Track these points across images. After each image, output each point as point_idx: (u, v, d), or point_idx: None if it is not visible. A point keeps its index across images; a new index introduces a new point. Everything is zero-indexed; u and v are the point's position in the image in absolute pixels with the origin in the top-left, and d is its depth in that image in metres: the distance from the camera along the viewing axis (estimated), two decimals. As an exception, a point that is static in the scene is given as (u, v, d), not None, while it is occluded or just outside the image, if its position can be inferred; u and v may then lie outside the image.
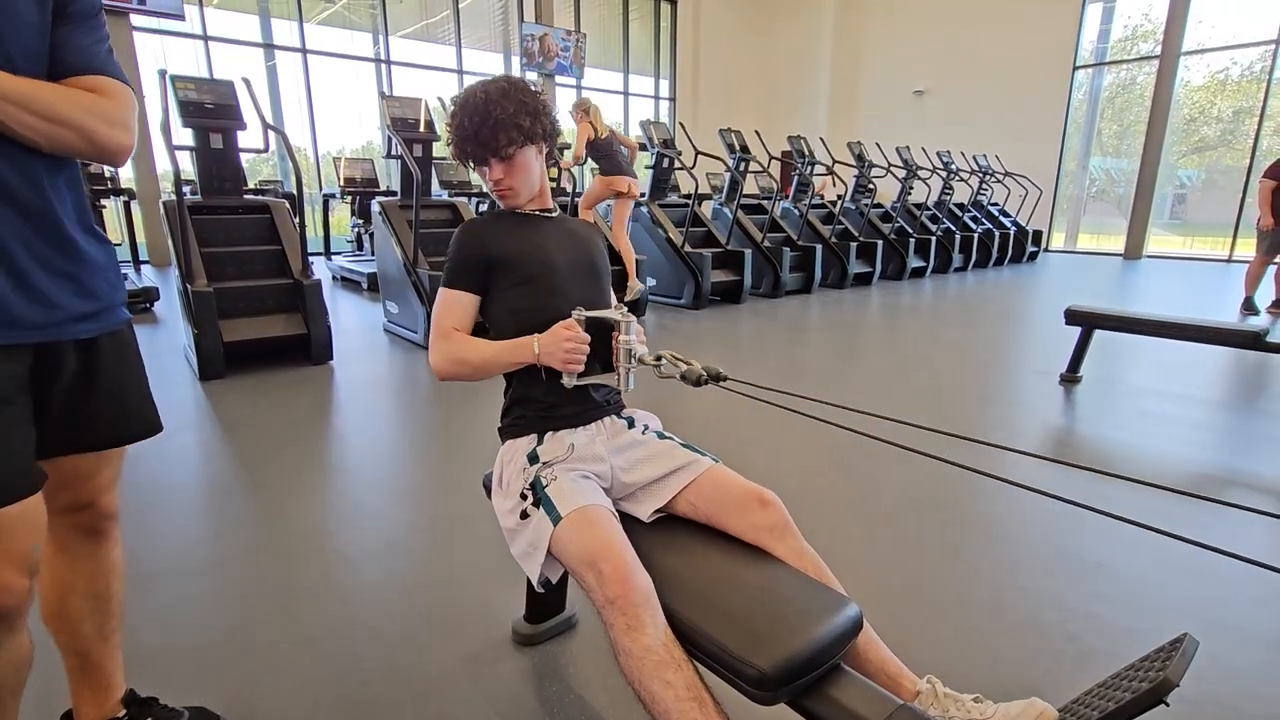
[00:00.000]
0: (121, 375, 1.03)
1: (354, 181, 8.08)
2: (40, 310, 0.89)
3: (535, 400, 1.29)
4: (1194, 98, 11.95)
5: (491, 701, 1.35)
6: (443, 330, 1.30)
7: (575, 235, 1.41)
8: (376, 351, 4.50)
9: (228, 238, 4.17)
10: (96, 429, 1.01)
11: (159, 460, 2.53)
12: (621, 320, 1.24)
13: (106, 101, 0.90)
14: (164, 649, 1.50)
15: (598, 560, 1.02)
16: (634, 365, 1.25)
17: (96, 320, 0.97)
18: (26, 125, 0.82)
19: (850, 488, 2.36)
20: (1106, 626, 1.60)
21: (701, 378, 1.19)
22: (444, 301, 1.32)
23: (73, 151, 0.89)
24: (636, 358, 1.25)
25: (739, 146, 7.17)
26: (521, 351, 1.23)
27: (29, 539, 0.87)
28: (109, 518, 1.11)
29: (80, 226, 0.95)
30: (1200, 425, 3.10)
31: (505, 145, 1.26)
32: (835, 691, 0.91)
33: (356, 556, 1.90)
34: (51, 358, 0.92)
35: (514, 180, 1.31)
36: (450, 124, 1.30)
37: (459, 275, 1.31)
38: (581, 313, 1.25)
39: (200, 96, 4.01)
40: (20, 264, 0.87)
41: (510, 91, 1.27)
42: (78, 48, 0.90)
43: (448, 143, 1.36)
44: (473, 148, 1.27)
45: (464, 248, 1.31)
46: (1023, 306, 6.48)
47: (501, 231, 1.33)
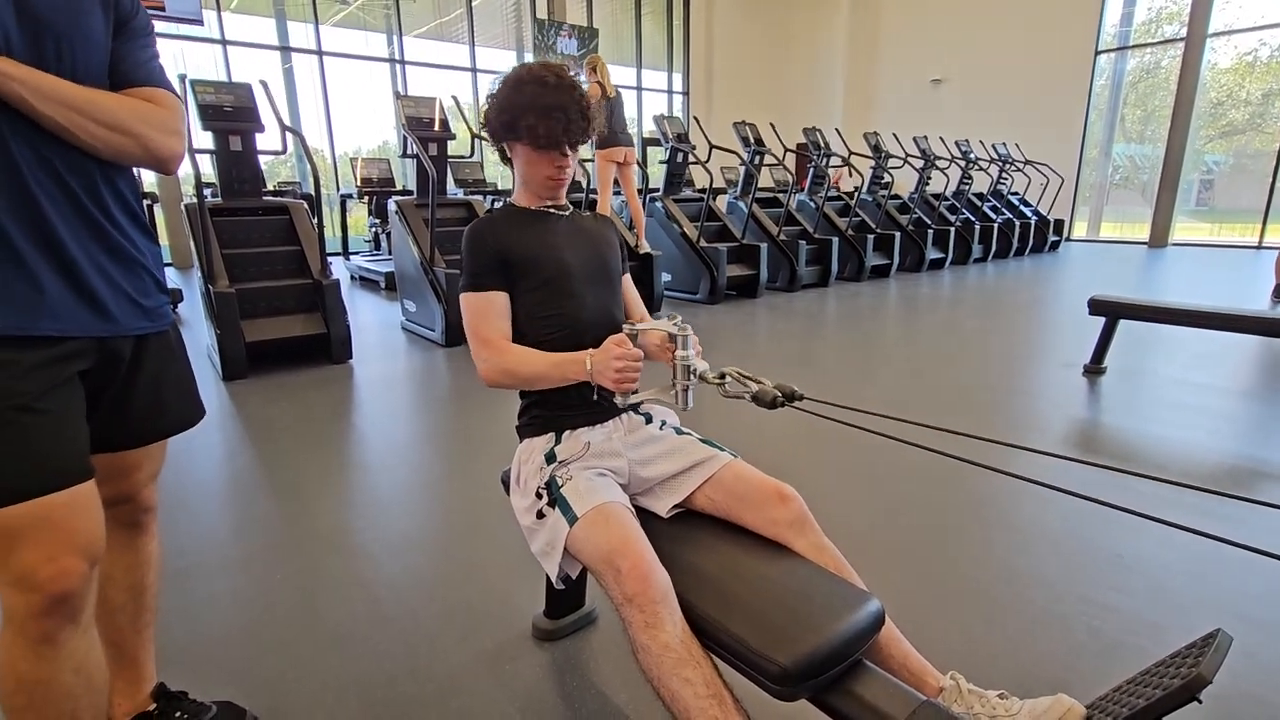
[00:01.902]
0: (163, 374, 1.07)
1: (370, 181, 8.17)
2: (107, 307, 0.94)
3: (553, 400, 1.28)
4: (1221, 80, 11.66)
5: (512, 697, 1.36)
6: (483, 338, 1.23)
7: (587, 233, 1.36)
8: (395, 350, 4.54)
9: (248, 239, 4.23)
10: (134, 425, 1.05)
11: (186, 459, 2.58)
12: (678, 333, 1.11)
13: (161, 111, 0.95)
14: (191, 644, 1.53)
15: (615, 558, 1.02)
16: (693, 383, 1.12)
17: (149, 318, 1.01)
18: (90, 132, 0.88)
19: (869, 484, 2.34)
20: (1131, 620, 1.57)
21: (776, 399, 1.05)
22: (474, 307, 1.25)
23: (130, 158, 0.94)
24: (697, 374, 1.11)
25: (753, 139, 7.12)
26: (572, 368, 1.15)
27: (88, 525, 0.90)
28: (148, 511, 1.16)
29: (139, 229, 1.00)
30: (1229, 416, 3.03)
31: (580, 135, 1.23)
32: (858, 687, 0.91)
33: (378, 553, 1.92)
34: (112, 353, 0.97)
35: (569, 172, 1.28)
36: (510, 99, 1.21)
37: (482, 275, 1.25)
38: (634, 326, 1.17)
39: (219, 100, 4.07)
40: (92, 263, 0.92)
41: (577, 85, 1.24)
42: (135, 62, 0.96)
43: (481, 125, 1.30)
44: (545, 130, 1.19)
45: (479, 246, 1.26)
46: (1044, 297, 6.38)
47: (513, 229, 1.28)
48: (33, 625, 0.86)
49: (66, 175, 0.89)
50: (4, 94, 0.80)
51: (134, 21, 0.97)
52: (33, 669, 0.87)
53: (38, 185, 0.86)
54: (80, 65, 0.89)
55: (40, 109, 0.83)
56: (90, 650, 0.94)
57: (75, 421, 0.91)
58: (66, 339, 0.90)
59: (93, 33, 0.90)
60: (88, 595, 0.92)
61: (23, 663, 0.87)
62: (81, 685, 0.92)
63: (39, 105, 0.83)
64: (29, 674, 0.88)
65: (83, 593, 0.90)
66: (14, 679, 0.88)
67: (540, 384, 1.21)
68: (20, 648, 0.87)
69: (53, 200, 0.88)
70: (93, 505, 0.91)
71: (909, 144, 8.92)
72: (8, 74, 0.80)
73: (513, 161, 1.31)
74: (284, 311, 4.04)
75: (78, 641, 0.91)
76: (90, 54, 0.90)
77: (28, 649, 0.87)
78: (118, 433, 1.03)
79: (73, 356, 0.90)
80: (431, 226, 4.52)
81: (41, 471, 0.85)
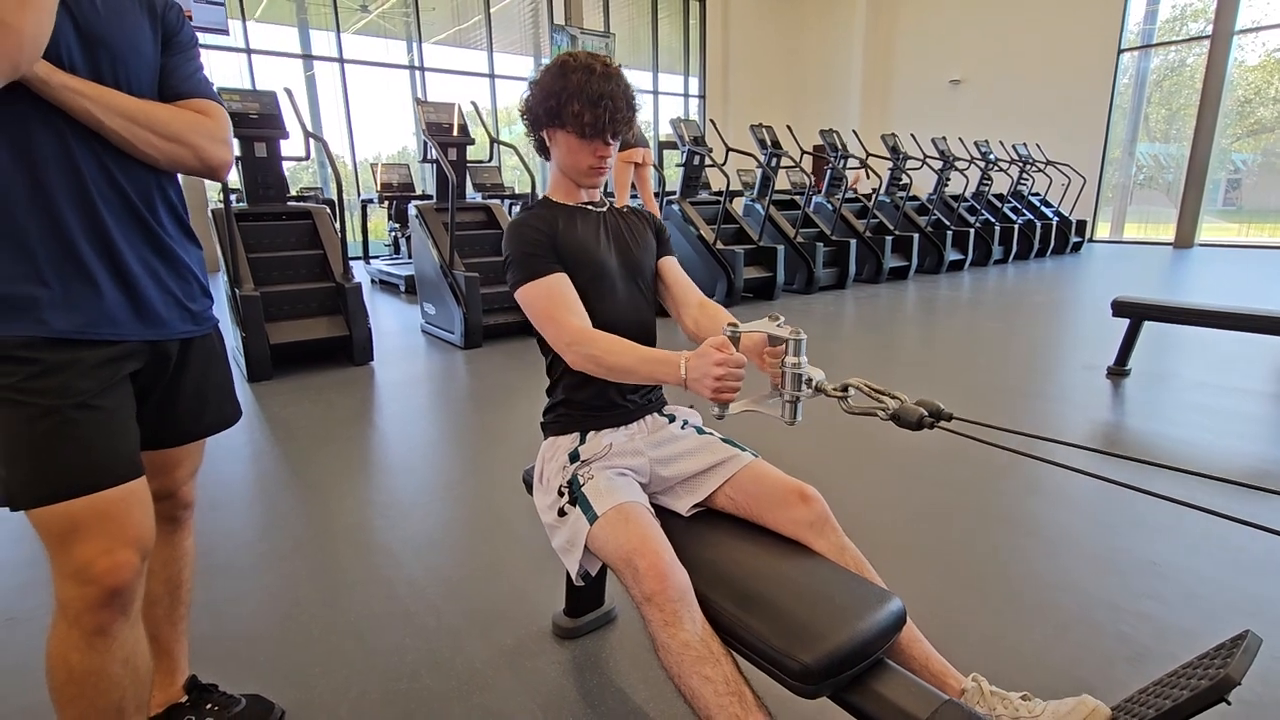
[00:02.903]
0: (207, 376, 1.11)
1: (390, 186, 8.27)
2: (159, 312, 0.98)
3: (580, 401, 1.28)
4: (1249, 78, 11.42)
5: (534, 694, 1.37)
6: (561, 323, 1.16)
7: (622, 231, 1.34)
8: (415, 352, 4.60)
9: (272, 243, 4.31)
10: (177, 424, 1.09)
11: (214, 459, 2.63)
12: (790, 338, 0.97)
13: (211, 121, 1.00)
14: (220, 639, 1.56)
15: (634, 557, 1.02)
16: (806, 394, 0.97)
17: (196, 322, 1.06)
18: (149, 144, 0.92)
19: (892, 485, 2.33)
20: (1160, 625, 1.55)
21: (922, 418, 0.88)
22: (540, 294, 1.18)
23: (185, 167, 0.98)
24: (813, 385, 0.97)
25: (770, 142, 7.10)
26: (663, 369, 1.04)
27: (141, 519, 0.94)
28: (187, 507, 1.20)
29: (186, 235, 1.05)
30: (1256, 419, 2.97)
31: (625, 126, 1.21)
32: (879, 686, 0.91)
33: (400, 551, 1.95)
34: (162, 355, 1.01)
35: (610, 162, 1.25)
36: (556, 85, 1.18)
37: (539, 261, 1.20)
38: (736, 328, 1.02)
39: (245, 108, 4.15)
40: (146, 269, 0.96)
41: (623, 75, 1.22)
42: (183, 75, 1.00)
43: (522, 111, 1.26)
44: (592, 117, 1.17)
45: (529, 235, 1.22)
46: (1066, 299, 6.29)
47: (556, 222, 1.25)
48: (88, 617, 0.89)
49: (126, 185, 0.93)
50: (72, 109, 0.85)
51: (179, 36, 1.01)
52: (85, 660, 0.90)
53: (100, 195, 0.90)
54: (134, 79, 0.93)
55: (106, 122, 0.87)
56: (138, 643, 0.97)
57: (128, 420, 0.95)
58: (122, 342, 0.93)
59: (144, 47, 0.94)
60: (139, 588, 0.95)
61: (75, 654, 0.90)
62: (129, 677, 0.95)
63: (105, 119, 0.87)
64: (81, 665, 0.90)
65: (135, 585, 0.93)
66: (65, 670, 0.91)
67: (624, 378, 1.12)
68: (74, 639, 0.89)
69: (112, 209, 0.92)
70: (145, 500, 0.95)
71: (927, 145, 8.85)
72: (76, 90, 0.84)
73: (550, 152, 1.28)
74: (307, 314, 4.11)
75: (128, 633, 0.94)
76: (142, 69, 0.94)
77: (81, 640, 0.89)
78: (163, 431, 1.07)
79: (126, 358, 0.94)
80: (451, 230, 4.57)
81: (100, 468, 0.89)
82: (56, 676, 0.91)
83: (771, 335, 1.04)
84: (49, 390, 0.86)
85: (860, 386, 0.96)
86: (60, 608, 0.90)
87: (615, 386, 1.28)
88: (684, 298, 1.35)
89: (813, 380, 0.97)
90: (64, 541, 0.87)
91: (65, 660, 0.90)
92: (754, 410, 1.02)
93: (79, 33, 0.86)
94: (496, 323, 4.70)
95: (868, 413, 0.94)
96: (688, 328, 1.32)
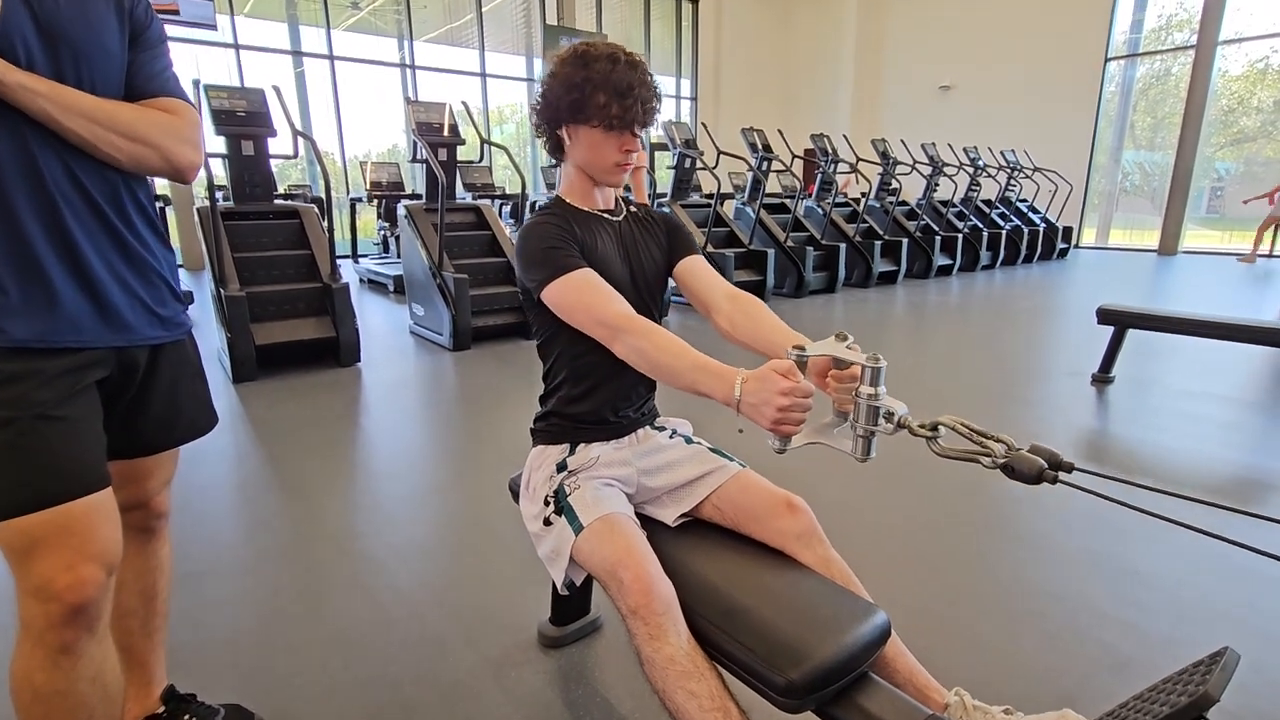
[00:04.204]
0: (179, 383, 1.07)
1: (380, 185, 8.22)
2: (125, 317, 0.95)
3: (574, 414, 1.25)
4: (1232, 88, 11.59)
5: (518, 704, 1.36)
6: (604, 311, 1.06)
7: (637, 240, 1.27)
8: (403, 353, 4.57)
9: (259, 242, 4.27)
10: (147, 433, 1.05)
11: (195, 461, 2.60)
12: (867, 365, 0.85)
13: (179, 121, 0.96)
14: (199, 647, 1.54)
15: (618, 569, 1.02)
16: (886, 429, 0.85)
17: (165, 327, 1.02)
18: (112, 144, 0.89)
19: (877, 497, 2.34)
20: (1143, 635, 1.57)
21: (1042, 471, 0.75)
22: (574, 288, 1.09)
23: (150, 169, 0.95)
24: (895, 420, 0.84)
25: (761, 145, 7.13)
26: (715, 385, 0.92)
27: (106, 533, 0.91)
28: (160, 517, 1.16)
29: (156, 236, 1.01)
30: (1238, 428, 3.01)
31: (651, 117, 1.15)
32: (864, 700, 0.91)
33: (385, 558, 1.93)
34: (129, 362, 0.97)
35: (635, 156, 1.18)
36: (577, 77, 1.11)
37: (567, 256, 1.11)
38: (803, 352, 0.89)
39: (232, 104, 4.11)
40: (112, 273, 0.93)
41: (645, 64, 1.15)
42: (150, 73, 0.97)
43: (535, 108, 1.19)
44: (619, 109, 1.10)
45: (552, 232, 1.14)
46: (1052, 305, 6.35)
47: (575, 225, 1.19)
48: (51, 635, 0.86)
49: (90, 187, 0.90)
50: (29, 108, 0.82)
51: (148, 32, 0.97)
52: (50, 680, 0.88)
53: (62, 197, 0.87)
54: (98, 77, 0.90)
55: (64, 123, 0.84)
56: (106, 659, 0.94)
57: (93, 429, 0.91)
58: (85, 349, 0.90)
59: (109, 44, 0.91)
60: (105, 604, 0.92)
61: (40, 673, 0.87)
62: (98, 695, 0.92)
63: (63, 119, 0.84)
64: (46, 685, 0.88)
65: (101, 602, 0.90)
66: (30, 690, 0.88)
67: (667, 380, 1.00)
68: (38, 658, 0.87)
69: (75, 212, 0.89)
70: (110, 513, 0.92)
71: (917, 151, 8.91)
72: (32, 89, 0.81)
73: (566, 152, 1.21)
74: (294, 315, 4.07)
75: (95, 650, 0.91)
76: (108, 66, 0.91)
77: (45, 659, 0.87)
78: (133, 440, 1.04)
79: (91, 366, 0.91)
80: (440, 231, 4.54)
81: (61, 479, 0.86)
82: (21, 697, 0.89)
83: (838, 358, 0.92)
84: (5, 402, 0.83)
85: (955, 426, 0.82)
86: (24, 626, 0.87)
87: (611, 404, 1.25)
88: (710, 298, 1.22)
89: (894, 415, 0.84)
90: (24, 557, 0.84)
91: (30, 680, 0.87)
92: (818, 443, 0.91)
93: (39, 28, 0.83)
94: (485, 325, 4.68)
95: (967, 458, 0.80)
96: (722, 328, 1.20)
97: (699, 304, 1.25)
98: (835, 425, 0.93)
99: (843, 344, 0.90)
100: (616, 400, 1.25)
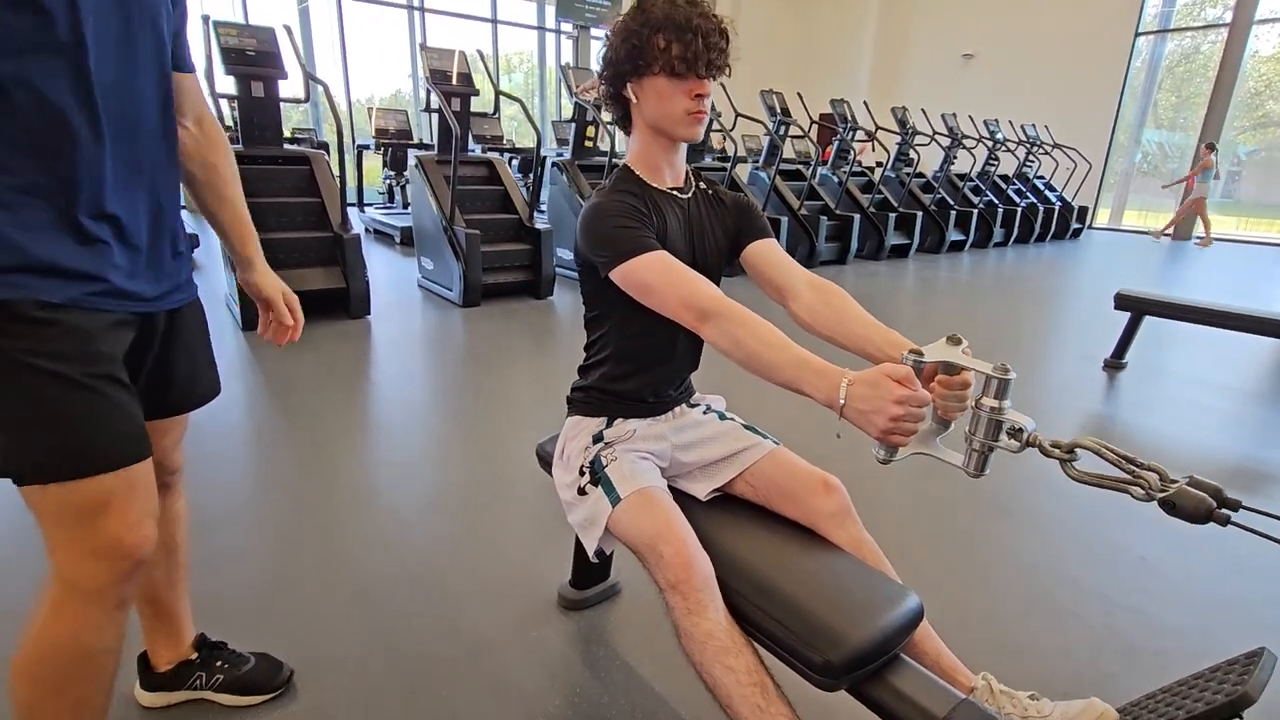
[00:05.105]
0: (196, 344, 1.05)
1: (386, 133, 8.02)
2: (157, 281, 0.92)
3: (615, 392, 1.23)
4: (1261, 69, 11.31)
5: (541, 663, 1.39)
6: (692, 293, 0.99)
7: (703, 222, 1.21)
8: (412, 307, 4.54)
9: (267, 188, 4.19)
10: (172, 395, 1.04)
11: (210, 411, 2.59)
12: (995, 376, 0.79)
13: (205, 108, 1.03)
14: (221, 597, 1.56)
15: (658, 543, 1.02)
16: (1012, 447, 0.79)
17: (184, 291, 0.99)
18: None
19: (901, 479, 2.35)
20: (1154, 623, 1.59)
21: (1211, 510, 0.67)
22: (651, 267, 1.02)
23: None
24: (1025, 437, 0.78)
25: (780, 109, 6.96)
26: (819, 384, 0.86)
27: (155, 490, 0.91)
28: (175, 472, 1.16)
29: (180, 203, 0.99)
30: (1247, 419, 3.02)
31: (720, 59, 1.06)
32: (897, 682, 0.92)
33: (404, 515, 1.95)
34: (150, 327, 0.94)
35: (709, 103, 1.10)
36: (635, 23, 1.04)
37: (644, 236, 1.05)
38: (921, 358, 0.84)
39: (242, 43, 3.98)
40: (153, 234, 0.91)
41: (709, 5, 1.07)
42: (182, 42, 0.96)
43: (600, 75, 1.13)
44: (681, 49, 1.02)
45: (628, 207, 1.08)
46: (1065, 287, 6.31)
47: (645, 200, 1.12)
48: (112, 592, 0.86)
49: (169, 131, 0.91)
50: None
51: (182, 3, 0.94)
52: (102, 638, 0.87)
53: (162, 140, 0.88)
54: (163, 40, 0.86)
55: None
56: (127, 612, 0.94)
57: (135, 398, 0.90)
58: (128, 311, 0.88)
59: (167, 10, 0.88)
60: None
61: (92, 633, 0.86)
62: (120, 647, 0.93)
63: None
64: (98, 643, 0.87)
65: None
66: (77, 652, 0.87)
67: (762, 372, 0.93)
68: (92, 618, 0.86)
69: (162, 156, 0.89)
70: (152, 477, 0.92)
71: (936, 121, 8.72)
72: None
73: (634, 116, 1.13)
74: (303, 264, 4.02)
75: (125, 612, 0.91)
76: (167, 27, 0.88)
77: (102, 617, 0.86)
78: (160, 403, 1.02)
79: (129, 327, 0.89)
80: (453, 184, 4.46)
81: (131, 440, 0.85)
82: (57, 661, 0.87)
83: (947, 363, 0.86)
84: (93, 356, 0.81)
85: (1100, 450, 0.74)
86: (68, 589, 0.85)
87: (653, 388, 1.23)
88: (788, 283, 1.16)
89: (1023, 431, 0.77)
90: (91, 517, 0.83)
91: (78, 642, 0.86)
92: (926, 454, 0.86)
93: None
94: (496, 282, 4.64)
95: (1113, 487, 0.73)
96: (800, 318, 1.14)
97: (773, 290, 1.19)
98: (936, 433, 0.88)
99: (957, 348, 0.85)
100: (659, 385, 1.24)
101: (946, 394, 0.89)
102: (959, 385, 0.88)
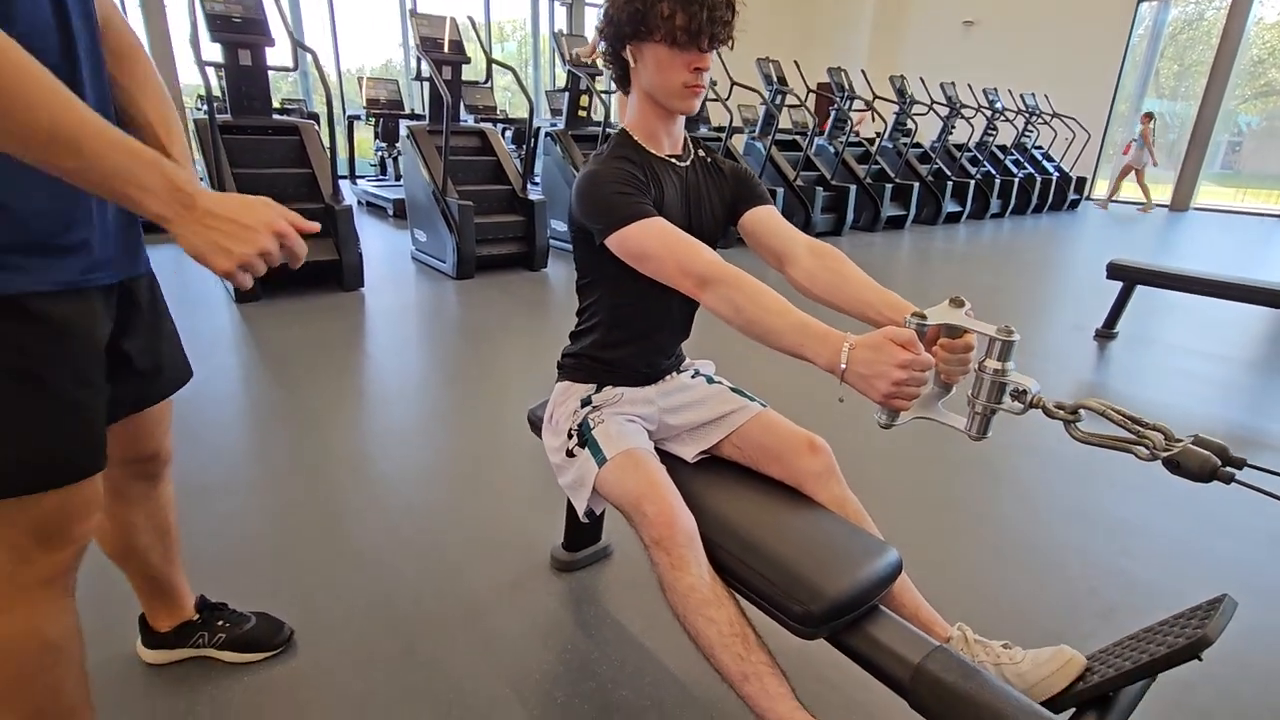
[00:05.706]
0: (166, 317, 1.01)
1: (378, 103, 7.90)
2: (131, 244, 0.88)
3: (606, 360, 1.24)
4: (1265, 37, 11.15)
5: (534, 623, 1.43)
6: (690, 259, 0.97)
7: (701, 190, 1.20)
8: (405, 279, 4.53)
9: (257, 159, 4.15)
10: (163, 375, 1.00)
11: (204, 378, 2.61)
12: (999, 338, 0.79)
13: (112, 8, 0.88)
14: (219, 560, 1.59)
15: (642, 502, 1.05)
16: (1015, 409, 0.80)
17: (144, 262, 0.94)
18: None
19: (886, 440, 2.38)
20: (1132, 581, 1.64)
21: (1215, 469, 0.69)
22: (647, 235, 1.01)
23: None
24: (1027, 400, 0.79)
25: (776, 78, 6.87)
26: (820, 349, 0.85)
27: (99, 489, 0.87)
28: (167, 463, 1.14)
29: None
30: (1236, 386, 3.06)
31: (724, 31, 1.04)
32: (875, 630, 0.96)
33: (397, 481, 1.98)
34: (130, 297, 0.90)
35: (708, 78, 1.08)
36: None
37: (640, 202, 1.03)
38: (924, 321, 0.82)
39: (228, 9, 3.90)
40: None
41: None
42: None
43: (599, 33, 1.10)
44: (684, 19, 0.99)
45: (625, 174, 1.06)
46: (1060, 258, 6.31)
47: (643, 167, 1.11)
48: (60, 581, 0.84)
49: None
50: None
51: None
52: (61, 624, 0.86)
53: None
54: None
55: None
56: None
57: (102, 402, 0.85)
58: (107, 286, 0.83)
59: None
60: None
61: (50, 623, 0.84)
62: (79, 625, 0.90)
63: None
64: (61, 631, 0.86)
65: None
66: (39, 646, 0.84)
67: (763, 338, 0.92)
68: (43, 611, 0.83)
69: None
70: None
71: (935, 90, 8.62)
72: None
73: (633, 78, 1.11)
74: (295, 236, 3.99)
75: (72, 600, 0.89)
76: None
77: (55, 606, 0.84)
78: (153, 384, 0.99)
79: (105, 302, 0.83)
80: (445, 155, 4.42)
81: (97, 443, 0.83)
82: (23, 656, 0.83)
83: (950, 326, 0.85)
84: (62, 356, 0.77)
85: (1104, 410, 0.74)
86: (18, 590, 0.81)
87: (644, 355, 1.24)
88: (787, 248, 1.15)
89: (1027, 393, 0.78)
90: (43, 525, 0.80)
91: (39, 635, 0.83)
92: (928, 418, 0.86)
93: None
94: (489, 254, 4.62)
95: (1117, 447, 0.73)
96: (799, 283, 1.13)
97: (772, 256, 1.18)
98: (938, 397, 0.88)
99: (960, 310, 0.84)
100: (651, 354, 1.26)
101: (949, 357, 0.87)
102: (962, 348, 0.87)
